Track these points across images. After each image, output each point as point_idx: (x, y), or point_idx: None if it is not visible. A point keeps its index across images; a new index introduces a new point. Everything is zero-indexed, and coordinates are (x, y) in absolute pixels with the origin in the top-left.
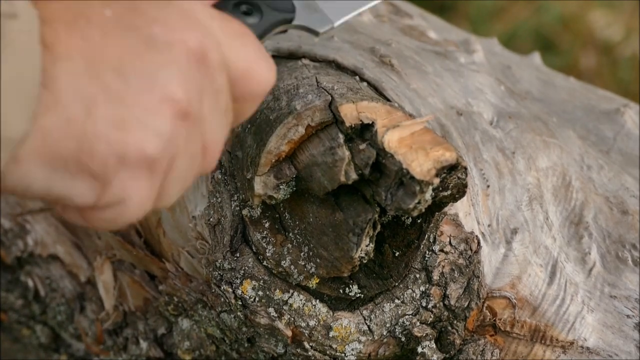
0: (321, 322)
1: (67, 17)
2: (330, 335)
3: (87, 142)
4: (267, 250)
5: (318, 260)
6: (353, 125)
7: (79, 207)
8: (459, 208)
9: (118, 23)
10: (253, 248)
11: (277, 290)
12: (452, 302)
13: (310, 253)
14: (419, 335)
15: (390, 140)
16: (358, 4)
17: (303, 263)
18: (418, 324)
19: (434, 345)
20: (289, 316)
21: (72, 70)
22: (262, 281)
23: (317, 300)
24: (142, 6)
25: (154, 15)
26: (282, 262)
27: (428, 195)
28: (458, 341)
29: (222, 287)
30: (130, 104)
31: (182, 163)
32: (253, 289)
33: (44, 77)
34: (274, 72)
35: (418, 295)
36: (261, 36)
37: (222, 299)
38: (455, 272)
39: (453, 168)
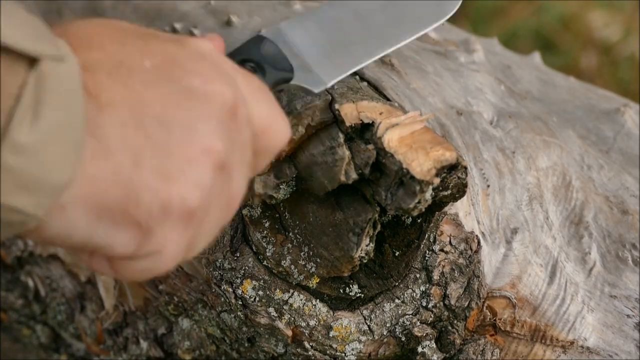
0: (321, 322)
1: (108, 66)
2: (331, 335)
3: (134, 192)
4: (267, 250)
5: (318, 260)
6: (353, 125)
7: (115, 257)
8: (459, 208)
9: (158, 73)
10: (253, 248)
11: (278, 290)
12: (453, 302)
13: (311, 253)
14: (419, 335)
15: (390, 139)
16: (348, 66)
17: (303, 263)
18: (418, 323)
19: (434, 345)
20: (289, 316)
21: (117, 119)
22: (262, 281)
23: (318, 300)
24: (180, 58)
25: (191, 67)
26: (283, 262)
27: (428, 194)
28: (458, 341)
29: (222, 287)
30: (174, 154)
31: (214, 214)
32: (253, 288)
33: (90, 124)
34: (289, 128)
35: (418, 295)
36: None
37: (223, 299)
38: (456, 271)
39: (453, 168)
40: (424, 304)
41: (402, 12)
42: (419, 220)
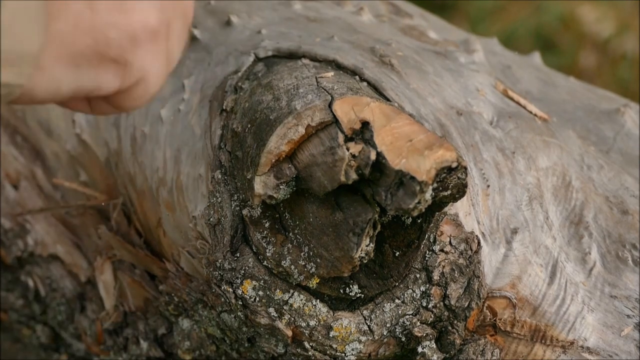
0: (321, 322)
1: None
2: (331, 335)
3: (100, 33)
4: (268, 250)
5: (318, 260)
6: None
7: (108, 95)
8: (459, 208)
9: None
10: (253, 248)
11: (278, 290)
12: (453, 302)
13: (311, 253)
14: (420, 335)
15: (390, 140)
16: None
17: (303, 263)
18: (418, 323)
19: (434, 345)
20: (289, 316)
21: None
22: (262, 281)
23: (318, 300)
24: None
25: None
26: (283, 262)
27: (428, 195)
28: (458, 341)
29: (223, 287)
30: None
31: (176, 24)
32: (253, 289)
33: None
34: None
35: (418, 295)
36: None
37: (223, 299)
38: (456, 272)
39: (453, 168)
40: (424, 304)
41: None
42: (419, 221)
